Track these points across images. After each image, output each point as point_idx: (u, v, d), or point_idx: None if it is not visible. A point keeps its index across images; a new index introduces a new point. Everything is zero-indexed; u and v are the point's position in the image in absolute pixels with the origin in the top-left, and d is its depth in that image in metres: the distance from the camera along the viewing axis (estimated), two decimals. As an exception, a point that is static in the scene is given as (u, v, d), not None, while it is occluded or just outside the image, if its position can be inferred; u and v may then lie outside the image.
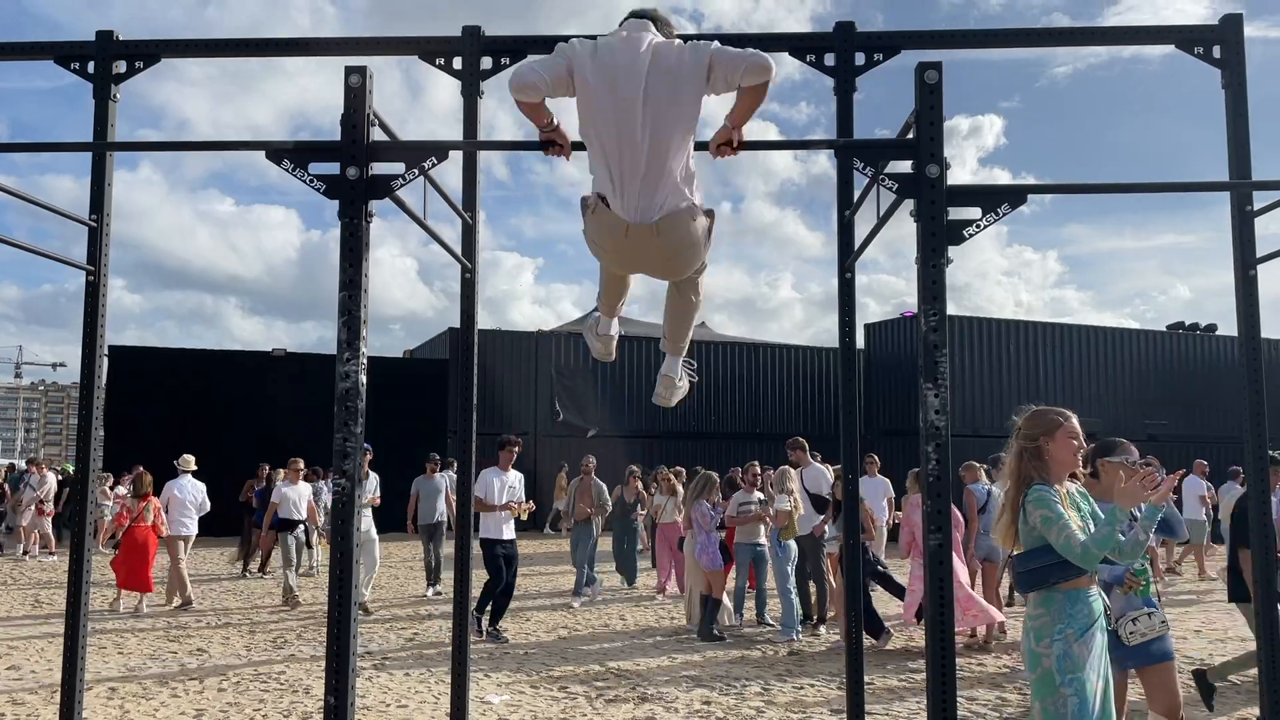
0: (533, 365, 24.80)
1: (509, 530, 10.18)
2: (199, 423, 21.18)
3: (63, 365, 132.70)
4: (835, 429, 4.72)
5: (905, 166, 3.49)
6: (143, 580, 11.66)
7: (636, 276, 4.36)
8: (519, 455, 10.82)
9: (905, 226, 3.51)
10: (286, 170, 3.41)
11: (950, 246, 3.38)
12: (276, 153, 3.45)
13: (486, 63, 4.83)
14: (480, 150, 4.74)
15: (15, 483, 21.67)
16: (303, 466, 13.23)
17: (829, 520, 10.30)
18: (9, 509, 20.90)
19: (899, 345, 25.11)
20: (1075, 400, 24.07)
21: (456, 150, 3.99)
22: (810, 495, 10.63)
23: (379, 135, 3.62)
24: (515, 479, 10.43)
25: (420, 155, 3.54)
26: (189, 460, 13.32)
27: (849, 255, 4.73)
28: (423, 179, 3.66)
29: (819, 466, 11.17)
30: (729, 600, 10.71)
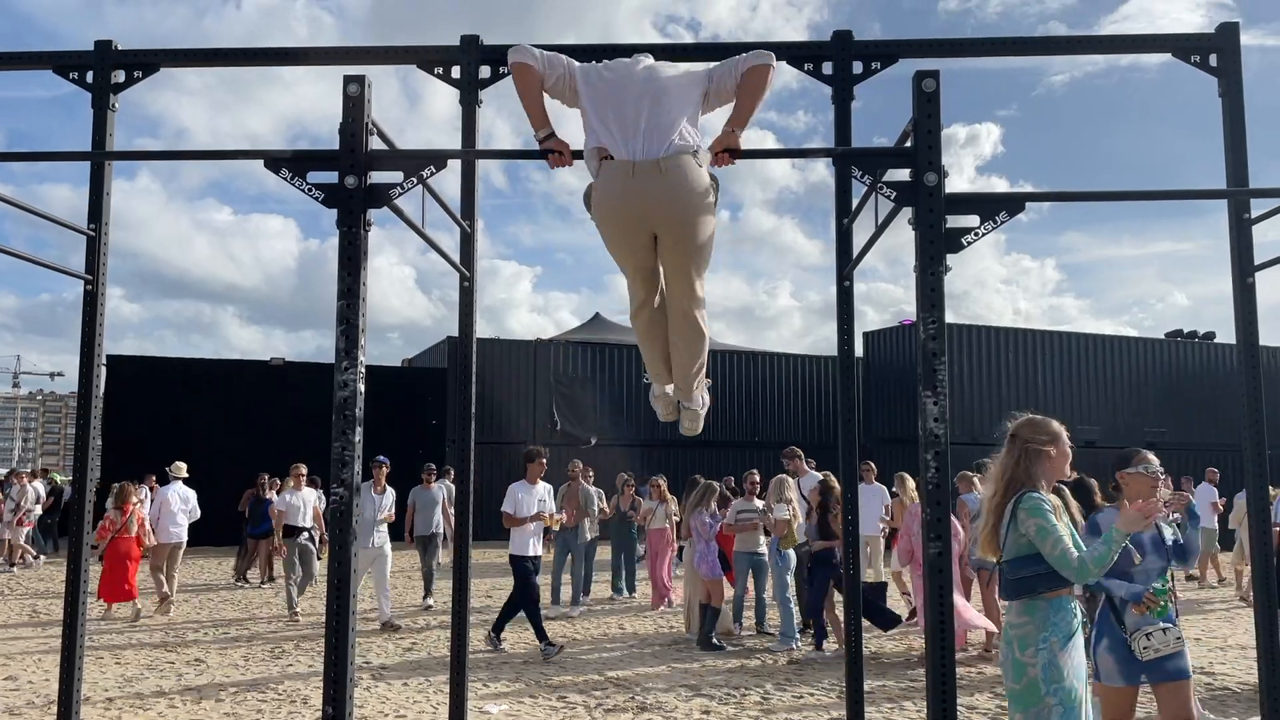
0: (531, 374, 24.79)
1: (539, 546, 9.95)
2: (197, 432, 21.18)
3: (60, 375, 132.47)
4: (834, 437, 4.71)
5: (903, 175, 3.50)
6: (123, 590, 11.69)
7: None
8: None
9: (904, 234, 3.52)
10: (285, 179, 3.42)
11: (949, 254, 3.38)
12: (275, 162, 3.45)
13: (485, 72, 4.84)
14: (479, 159, 4.74)
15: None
16: (305, 472, 13.05)
17: (806, 523, 10.27)
18: None
19: (898, 353, 25.13)
20: (1074, 408, 24.11)
21: (455, 159, 3.99)
22: (809, 504, 10.62)
23: (377, 144, 3.63)
24: (544, 490, 10.25)
25: (419, 164, 3.54)
26: (180, 467, 13.41)
27: (847, 264, 4.73)
28: (421, 187, 3.66)
29: (816, 474, 11.16)
30: (728, 609, 10.69)
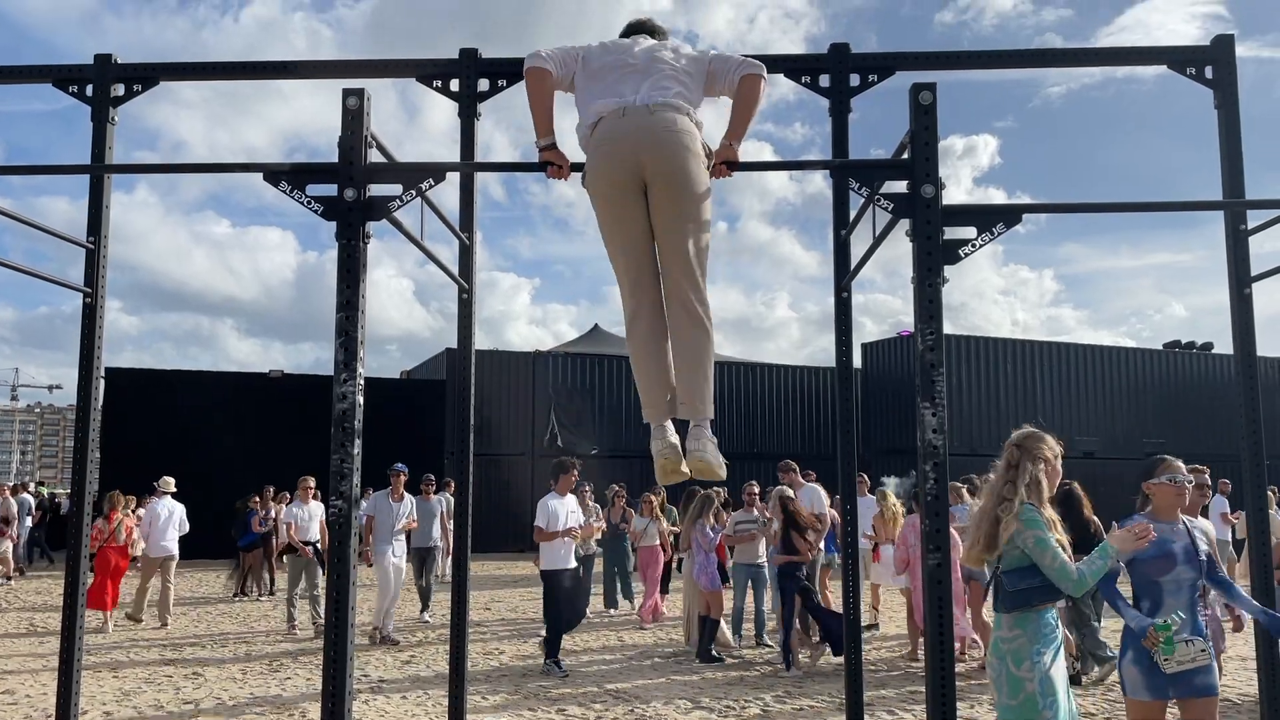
0: (530, 386, 24.79)
1: (571, 557, 9.60)
2: (196, 445, 21.16)
3: (59, 387, 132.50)
4: (833, 448, 4.70)
5: (900, 186, 3.51)
6: (102, 599, 11.70)
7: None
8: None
9: (901, 245, 3.53)
10: (284, 192, 3.43)
11: (946, 266, 3.39)
12: (274, 174, 3.46)
13: (483, 85, 4.86)
14: (477, 172, 4.75)
15: None
16: (313, 485, 12.88)
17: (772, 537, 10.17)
18: None
19: (896, 364, 25.15)
20: (1073, 419, 24.12)
21: (454, 172, 4.00)
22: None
23: (376, 157, 3.64)
24: (574, 503, 9.91)
25: (417, 177, 3.55)
26: (169, 482, 13.47)
27: (845, 275, 4.74)
28: (420, 200, 3.67)
29: (813, 486, 11.16)
30: (727, 621, 10.66)
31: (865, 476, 12.98)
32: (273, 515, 16.23)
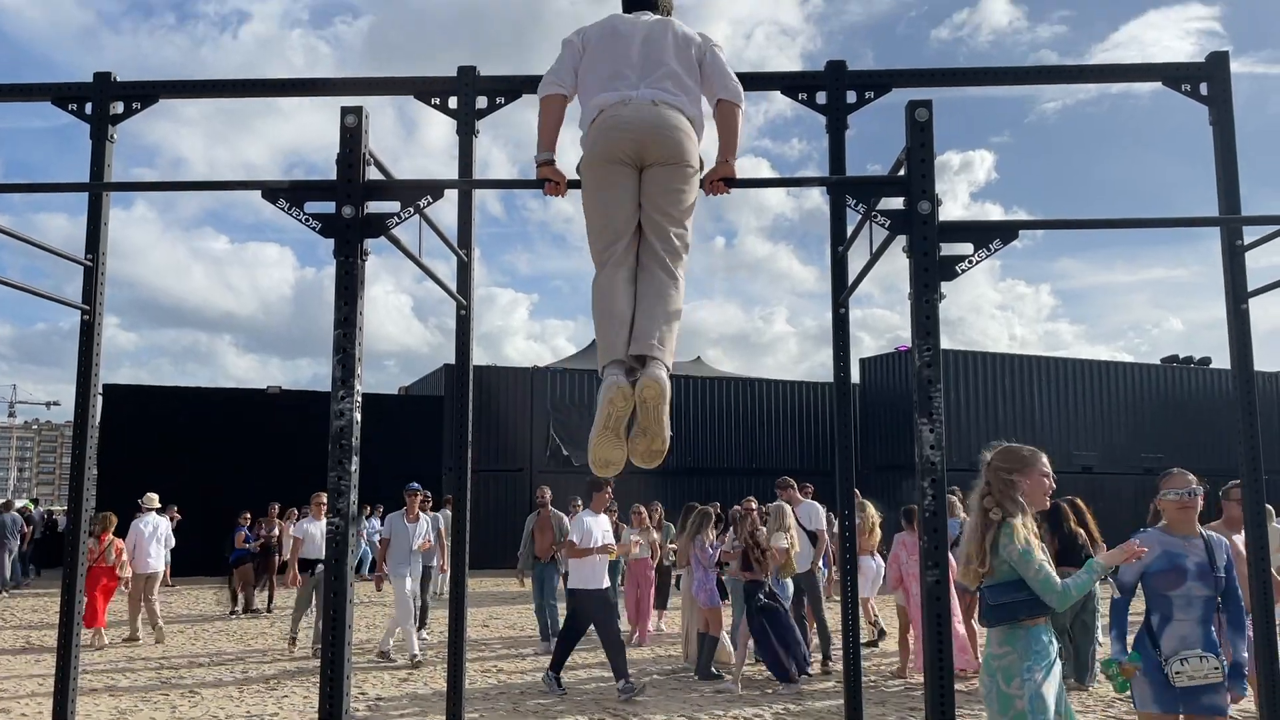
0: (528, 401, 24.78)
1: (605, 576, 9.37)
2: (194, 461, 21.13)
3: (56, 404, 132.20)
4: (831, 464, 4.72)
5: (897, 203, 3.52)
6: (93, 617, 11.69)
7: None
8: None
9: (899, 260, 3.54)
10: (282, 209, 3.43)
11: (943, 282, 3.39)
12: (272, 192, 3.47)
13: (482, 102, 4.87)
14: (476, 189, 4.76)
15: None
16: (325, 501, 12.83)
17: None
18: None
19: (894, 379, 25.16)
20: (1071, 434, 24.11)
21: (452, 189, 4.01)
22: (806, 532, 10.59)
23: (375, 174, 3.65)
24: (608, 522, 9.66)
25: (416, 194, 3.56)
26: (153, 498, 13.52)
27: (843, 291, 4.75)
28: (418, 217, 3.68)
29: (811, 502, 11.13)
30: (727, 638, 10.61)
31: (856, 492, 12.94)
32: (275, 532, 16.19)
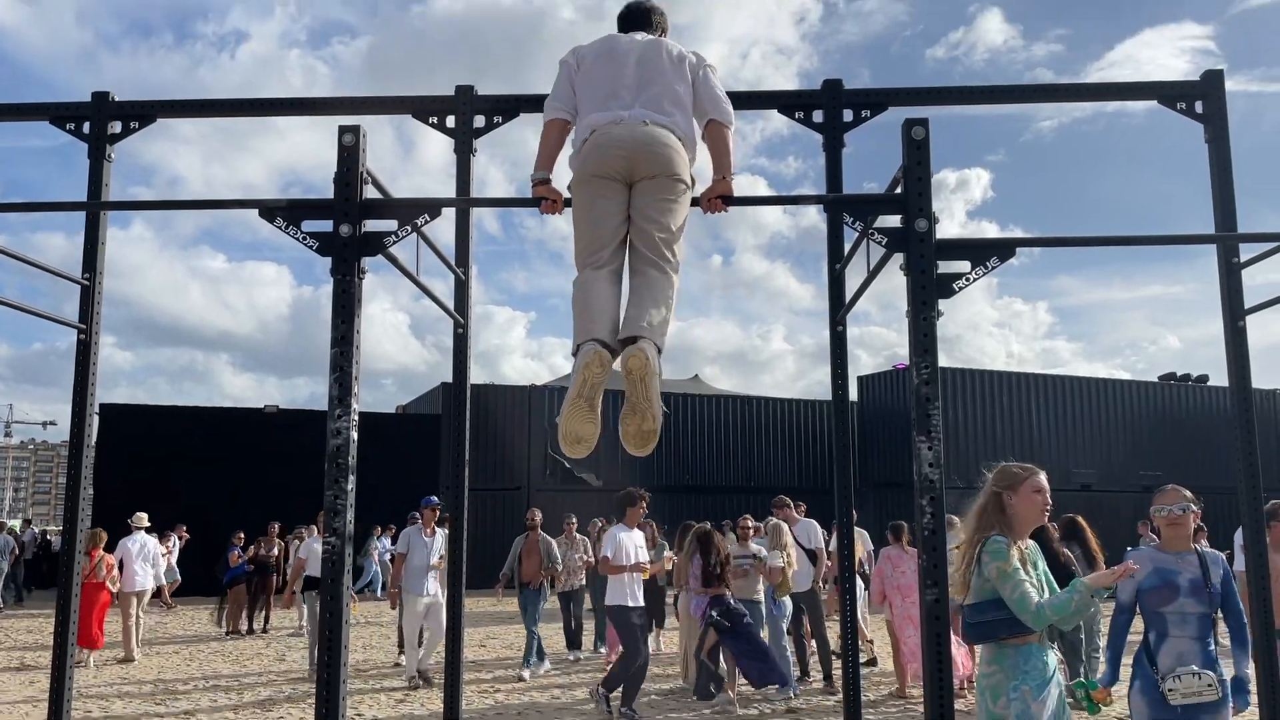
0: (526, 419, 24.74)
1: (640, 594, 9.07)
2: (190, 480, 21.07)
3: (53, 424, 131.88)
4: (829, 482, 4.70)
5: (894, 221, 3.52)
6: (88, 637, 11.62)
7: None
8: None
9: (896, 278, 3.54)
10: (279, 228, 3.43)
11: (940, 300, 3.39)
12: (270, 211, 3.47)
13: (479, 121, 4.89)
14: (473, 207, 4.77)
15: None
16: None
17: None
18: None
19: (892, 397, 25.15)
20: (1069, 451, 24.09)
21: (449, 208, 4.01)
22: (805, 550, 10.55)
23: (372, 193, 3.65)
24: (641, 537, 9.36)
25: (413, 213, 3.56)
26: (142, 518, 13.57)
27: (840, 309, 4.75)
28: (416, 235, 3.68)
29: (809, 520, 11.10)
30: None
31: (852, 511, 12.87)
32: (274, 551, 16.11)
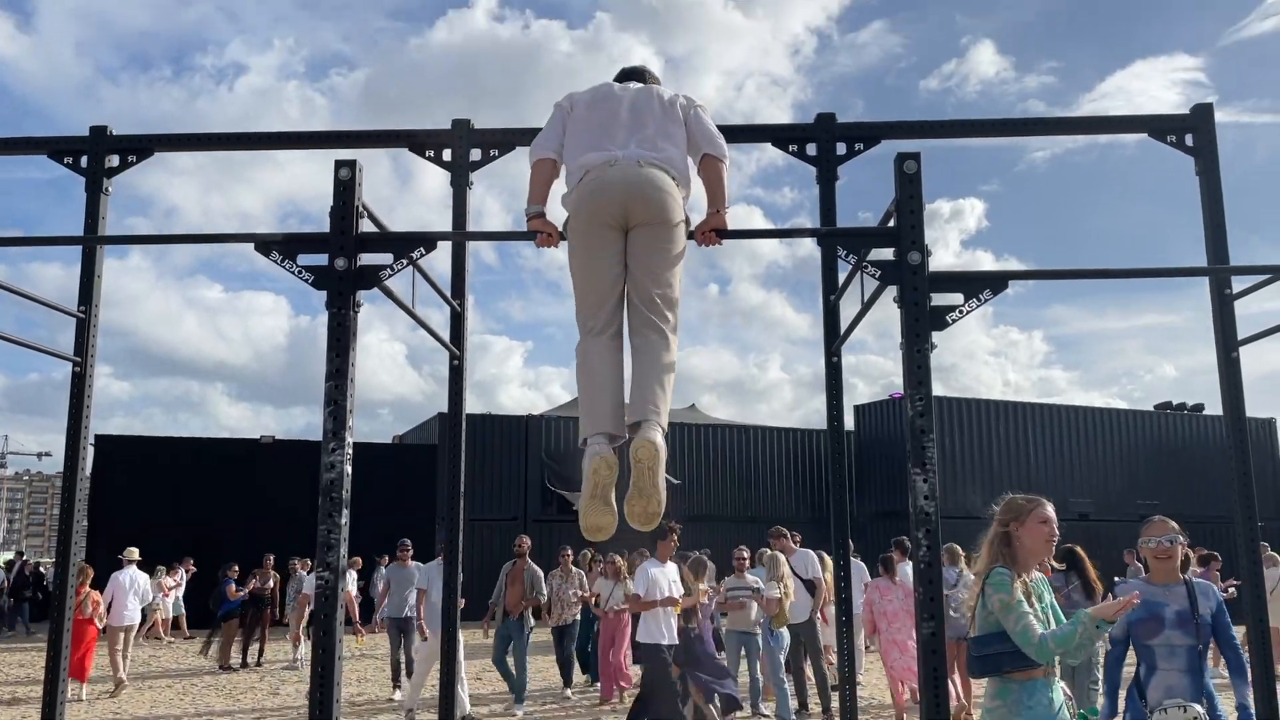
0: (523, 449, 24.67)
1: (672, 633, 8.66)
2: (186, 512, 20.96)
3: (48, 455, 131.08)
4: (827, 511, 4.69)
5: (888, 253, 3.54)
6: (74, 669, 11.57)
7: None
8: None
9: (892, 307, 3.55)
10: (275, 262, 3.45)
11: (934, 332, 3.40)
12: (265, 245, 3.48)
13: (475, 154, 4.92)
14: (469, 241, 4.79)
15: None
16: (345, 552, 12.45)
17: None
18: None
19: (889, 426, 25.13)
20: (1066, 480, 24.05)
21: (445, 240, 4.03)
22: (803, 581, 10.51)
23: (368, 226, 3.67)
24: (675, 572, 8.96)
25: (409, 246, 3.58)
26: (133, 552, 13.64)
27: (835, 340, 4.77)
28: (411, 268, 3.69)
29: (806, 550, 11.05)
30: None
31: (849, 542, 12.84)
32: (269, 584, 15.98)
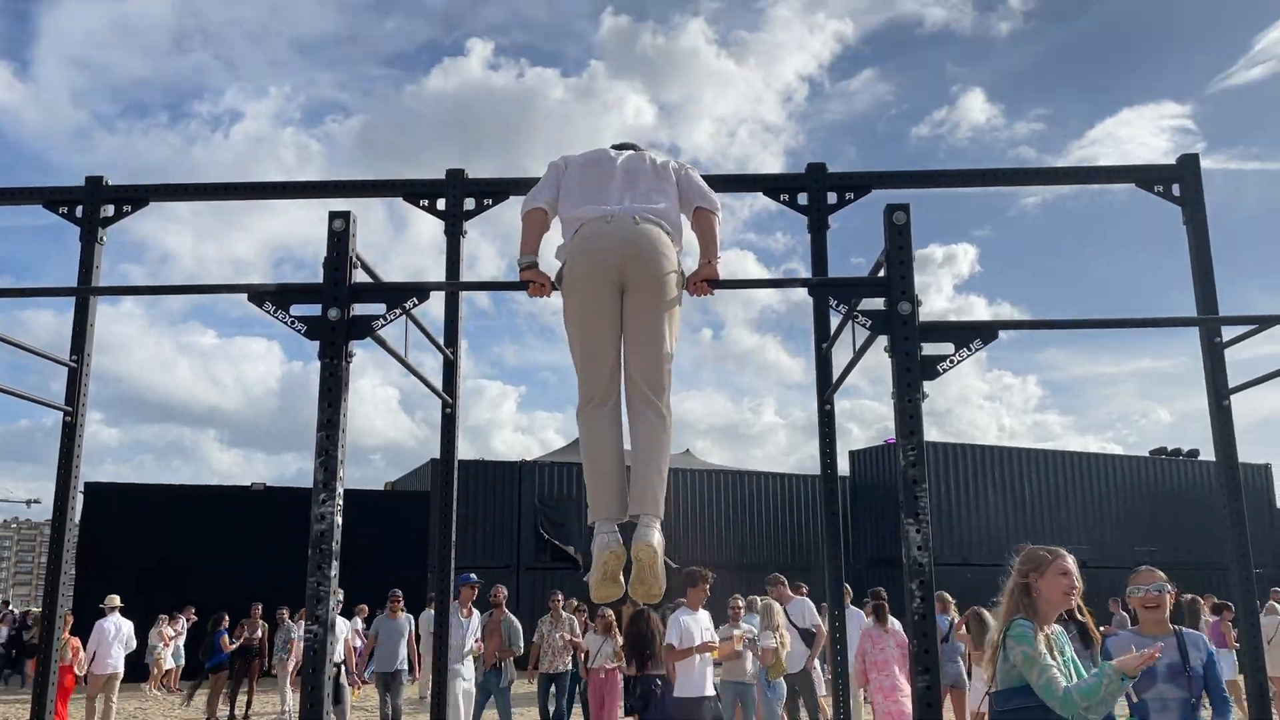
0: (516, 495, 24.54)
1: (710, 684, 8.30)
2: (176, 559, 20.77)
3: (37, 502, 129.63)
4: (822, 558, 4.66)
5: (879, 301, 3.56)
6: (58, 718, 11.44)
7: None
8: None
9: (884, 354, 3.56)
10: (268, 312, 3.45)
11: (925, 381, 3.41)
12: (259, 296, 3.49)
13: (469, 204, 4.96)
14: (462, 290, 4.81)
15: None
16: (341, 600, 12.01)
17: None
18: None
19: (884, 472, 25.04)
20: (1063, 527, 23.96)
21: (438, 291, 4.04)
22: (798, 630, 10.42)
23: (361, 276, 3.68)
24: (707, 619, 8.59)
25: (402, 296, 3.59)
26: (113, 599, 13.37)
27: (828, 387, 4.77)
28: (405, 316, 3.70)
29: (803, 599, 10.97)
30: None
31: (849, 588, 12.79)
32: (257, 634, 15.78)
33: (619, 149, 4.24)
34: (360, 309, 3.55)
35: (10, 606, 24.97)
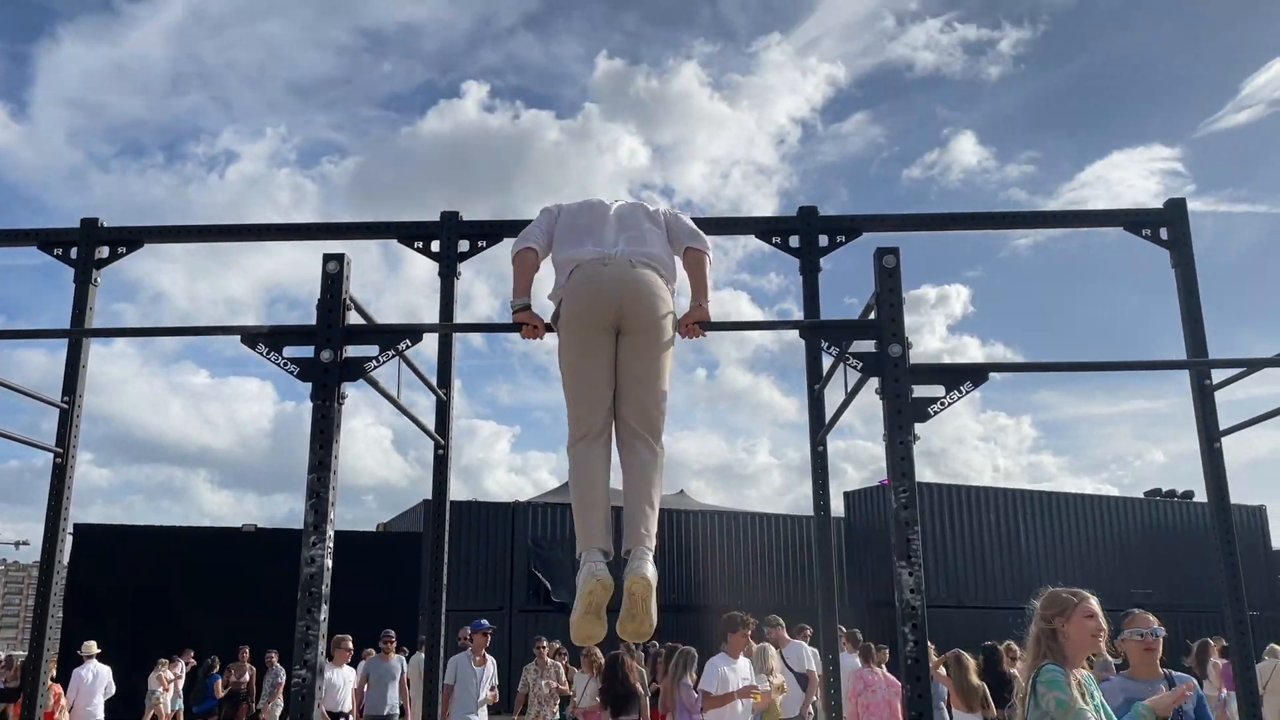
0: (509, 537, 24.38)
1: None
2: (165, 602, 20.54)
3: (25, 543, 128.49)
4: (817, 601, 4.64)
5: (870, 345, 3.57)
6: None
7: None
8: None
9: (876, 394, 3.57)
10: (261, 354, 3.45)
11: (917, 423, 3.42)
12: (252, 338, 3.49)
13: (463, 245, 4.99)
14: (455, 333, 4.82)
15: None
16: (351, 646, 11.31)
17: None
18: None
19: (879, 513, 24.94)
20: (1058, 568, 23.82)
21: (432, 333, 4.06)
22: (794, 673, 10.33)
23: (354, 318, 3.69)
24: (747, 666, 8.46)
25: (395, 338, 3.60)
26: (91, 646, 13.23)
27: (821, 429, 4.78)
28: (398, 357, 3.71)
29: (799, 643, 10.89)
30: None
31: (844, 630, 12.67)
32: (245, 678, 15.60)
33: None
34: (353, 350, 3.56)
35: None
